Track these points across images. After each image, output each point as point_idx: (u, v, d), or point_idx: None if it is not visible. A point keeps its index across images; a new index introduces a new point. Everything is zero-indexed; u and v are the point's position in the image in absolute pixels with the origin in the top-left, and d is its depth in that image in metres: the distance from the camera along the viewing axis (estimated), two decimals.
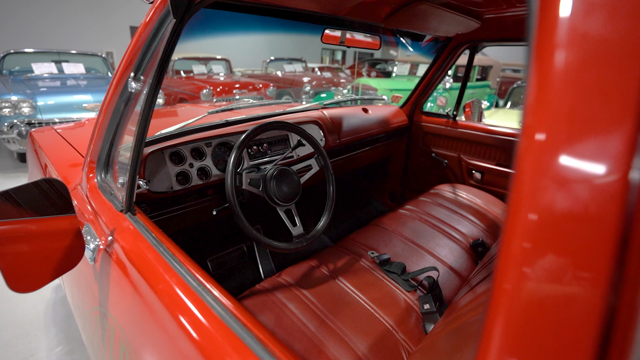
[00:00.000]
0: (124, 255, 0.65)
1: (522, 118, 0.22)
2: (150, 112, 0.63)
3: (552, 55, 0.21)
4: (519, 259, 0.23)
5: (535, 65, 0.21)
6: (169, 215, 1.11)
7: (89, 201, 0.84)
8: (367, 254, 1.21)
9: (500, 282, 0.24)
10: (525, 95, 0.22)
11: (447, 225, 1.45)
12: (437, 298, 1.03)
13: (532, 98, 0.21)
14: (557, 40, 0.21)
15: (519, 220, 0.23)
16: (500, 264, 0.24)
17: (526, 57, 0.22)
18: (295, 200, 1.08)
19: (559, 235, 0.21)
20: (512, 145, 1.77)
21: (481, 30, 1.58)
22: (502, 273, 0.24)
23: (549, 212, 0.21)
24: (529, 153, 0.21)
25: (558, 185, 0.21)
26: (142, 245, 0.63)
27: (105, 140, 0.82)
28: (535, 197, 0.22)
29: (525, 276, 0.23)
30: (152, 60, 0.64)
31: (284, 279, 1.07)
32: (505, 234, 0.24)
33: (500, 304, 0.24)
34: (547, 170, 0.21)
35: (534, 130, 0.21)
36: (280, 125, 1.13)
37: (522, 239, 0.22)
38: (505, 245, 0.24)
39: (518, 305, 0.23)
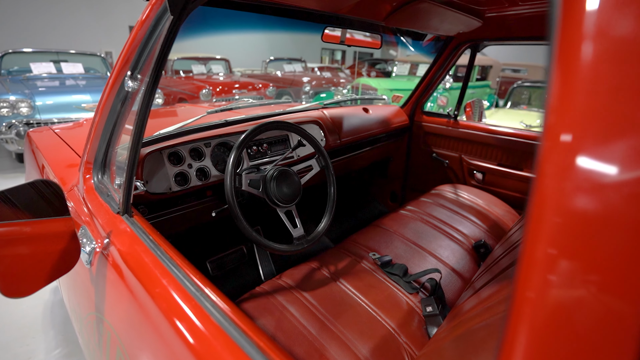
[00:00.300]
0: (120, 259, 0.63)
1: (544, 118, 0.20)
2: (147, 112, 0.61)
3: (578, 50, 0.19)
4: (544, 266, 0.21)
5: (559, 61, 0.20)
6: (167, 217, 1.09)
7: (85, 203, 0.82)
8: (369, 256, 1.19)
9: (523, 290, 0.22)
10: (547, 94, 0.20)
11: (448, 226, 1.44)
12: (439, 300, 1.01)
13: (556, 97, 0.20)
14: (584, 34, 0.19)
15: (542, 225, 0.21)
16: (522, 270, 0.22)
17: (548, 52, 0.20)
18: (296, 201, 1.06)
19: (588, 242, 0.20)
20: (514, 145, 1.76)
21: (483, 29, 1.57)
22: (524, 280, 0.22)
23: (576, 216, 0.20)
24: (552, 154, 0.20)
25: (586, 188, 0.19)
26: (139, 248, 0.61)
27: (102, 140, 0.81)
28: (561, 200, 0.20)
29: (551, 284, 0.21)
30: (149, 59, 0.63)
31: (285, 281, 1.05)
32: (527, 240, 0.22)
33: (523, 313, 0.22)
34: (573, 173, 0.19)
35: (558, 130, 0.20)
36: (280, 125, 1.12)
37: (547, 245, 0.21)
38: (527, 251, 0.22)
39: (543, 315, 0.21)
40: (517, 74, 8.53)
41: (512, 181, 1.81)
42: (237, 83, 5.63)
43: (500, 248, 1.03)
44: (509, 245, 0.93)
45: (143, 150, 0.99)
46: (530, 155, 1.73)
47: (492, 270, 0.80)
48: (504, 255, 0.86)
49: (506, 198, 1.80)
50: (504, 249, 0.93)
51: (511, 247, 0.87)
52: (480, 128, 1.87)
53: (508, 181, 1.82)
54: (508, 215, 1.61)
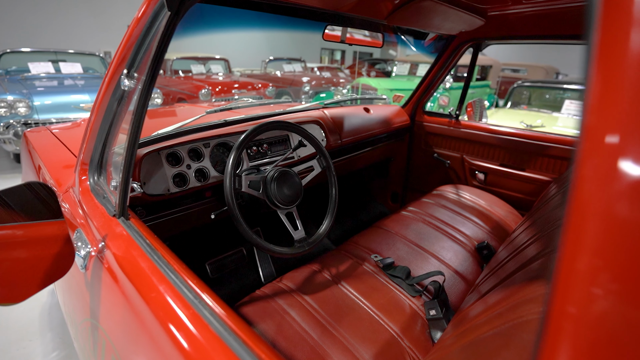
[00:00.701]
0: (115, 263, 0.61)
1: (582, 119, 0.18)
2: (144, 111, 0.59)
3: (623, 44, 0.17)
4: (588, 278, 0.19)
5: (600, 57, 0.18)
6: (165, 219, 1.07)
7: (80, 205, 0.80)
8: (371, 258, 1.17)
9: (562, 304, 0.20)
10: (585, 93, 0.18)
11: (451, 228, 1.42)
12: (443, 304, 1.00)
13: (596, 96, 0.18)
14: (630, 25, 0.17)
15: (585, 234, 0.19)
16: (559, 283, 0.20)
17: (586, 47, 0.19)
18: (297, 203, 1.04)
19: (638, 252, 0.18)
20: (516, 145, 1.74)
21: (485, 28, 1.55)
22: (563, 294, 0.20)
23: (624, 224, 0.18)
24: (593, 157, 0.18)
25: (634, 192, 0.17)
26: (135, 252, 0.59)
27: (97, 140, 0.79)
28: (605, 206, 0.18)
29: (596, 298, 0.19)
30: (146, 57, 0.60)
31: (285, 284, 1.03)
32: (566, 249, 0.20)
33: (563, 331, 0.20)
34: (619, 176, 0.17)
35: (600, 132, 0.18)
36: (280, 125, 1.10)
37: (591, 255, 0.19)
38: (566, 262, 0.20)
39: (587, 333, 0.19)
40: (516, 73, 8.52)
41: (514, 181, 1.79)
42: (237, 83, 5.61)
43: (504, 251, 1.01)
44: (513, 248, 0.91)
45: (140, 151, 0.97)
46: (532, 155, 1.71)
47: (498, 274, 0.78)
48: (509, 259, 0.84)
49: (508, 198, 1.78)
50: (509, 251, 0.92)
51: (516, 250, 0.85)
52: (482, 128, 1.85)
53: (510, 181, 1.81)
54: (510, 216, 1.59)
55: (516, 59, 9.29)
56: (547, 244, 0.66)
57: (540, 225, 0.88)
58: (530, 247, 0.76)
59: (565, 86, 4.79)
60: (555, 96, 4.89)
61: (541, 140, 1.68)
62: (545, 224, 0.84)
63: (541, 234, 0.78)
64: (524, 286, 0.54)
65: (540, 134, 1.69)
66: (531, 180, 1.73)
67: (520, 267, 0.66)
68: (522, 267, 0.65)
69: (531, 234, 0.87)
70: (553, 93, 4.94)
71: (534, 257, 0.65)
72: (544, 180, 1.68)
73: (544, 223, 0.87)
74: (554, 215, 0.85)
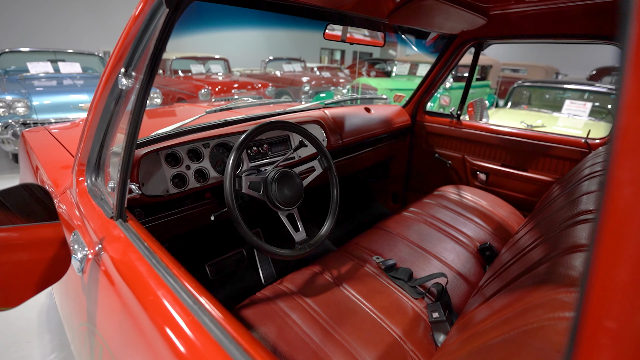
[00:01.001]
0: (112, 267, 0.59)
1: (617, 117, 0.17)
2: (142, 111, 0.58)
3: None
4: (630, 289, 0.18)
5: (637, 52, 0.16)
6: (164, 220, 1.06)
7: (77, 207, 0.79)
8: (372, 259, 1.16)
9: (599, 317, 0.19)
10: (621, 89, 0.17)
11: (452, 228, 1.41)
12: (446, 306, 0.98)
13: (635, 94, 0.16)
14: None
15: (624, 241, 0.17)
16: (594, 293, 0.19)
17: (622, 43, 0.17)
18: (298, 204, 1.03)
19: None
20: (518, 145, 1.73)
21: (487, 27, 1.54)
22: (599, 305, 0.19)
23: None
24: (632, 158, 0.17)
25: None
26: (133, 255, 0.58)
27: (95, 141, 0.77)
28: None
29: None
30: (144, 55, 0.59)
31: (286, 286, 1.02)
32: (600, 257, 0.19)
33: (600, 347, 0.19)
34: None
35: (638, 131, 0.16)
36: (281, 125, 1.08)
37: (633, 264, 0.17)
38: (603, 271, 0.18)
39: (629, 350, 0.18)
40: (516, 73, 8.51)
41: (516, 182, 1.78)
42: (236, 83, 5.59)
43: (508, 252, 1.00)
44: (517, 250, 0.89)
45: (139, 152, 0.96)
46: (534, 155, 1.70)
47: (503, 278, 0.77)
48: (513, 261, 0.83)
49: (510, 199, 1.77)
50: (513, 254, 0.90)
51: (520, 252, 0.84)
52: (483, 128, 1.84)
53: (512, 182, 1.80)
54: (512, 216, 1.58)
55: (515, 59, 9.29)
56: (553, 247, 0.65)
57: (545, 227, 0.87)
58: (535, 250, 0.74)
59: (566, 86, 4.78)
60: (556, 96, 4.88)
61: (543, 140, 1.66)
62: (550, 226, 0.83)
63: (546, 236, 0.77)
64: (531, 291, 0.53)
65: (542, 134, 1.68)
66: (533, 180, 1.72)
67: (526, 271, 0.65)
68: (527, 271, 0.64)
69: (535, 236, 0.86)
70: (553, 93, 4.93)
71: (540, 260, 0.64)
72: (546, 180, 1.67)
73: (548, 225, 0.86)
74: (559, 217, 0.83)
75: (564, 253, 0.59)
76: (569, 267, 0.52)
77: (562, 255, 0.58)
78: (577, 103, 4.20)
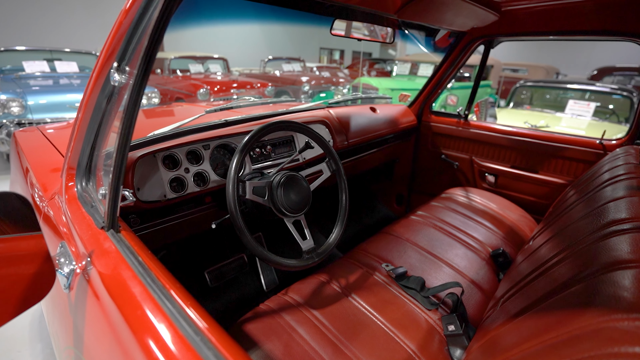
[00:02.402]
0: (101, 286, 0.53)
1: None
2: (136, 110, 0.52)
3: None
4: None
5: None
6: (162, 227, 1.00)
7: (66, 214, 0.72)
8: (381, 267, 1.10)
9: None
10: None
11: (463, 233, 1.35)
12: (462, 318, 0.92)
13: None
14: None
15: None
16: None
17: None
18: (305, 210, 0.97)
19: None
20: (528, 146, 1.68)
21: (498, 24, 1.48)
22: None
23: None
24: None
25: None
26: (125, 273, 0.51)
27: (85, 142, 0.71)
28: None
29: None
30: (138, 48, 0.53)
31: (291, 297, 0.96)
32: None
33: None
34: None
35: None
36: (288, 125, 1.02)
37: None
38: None
39: None
40: (516, 73, 8.47)
41: (526, 184, 1.73)
42: (236, 82, 5.54)
43: (526, 263, 0.94)
44: (538, 261, 0.84)
45: (134, 154, 0.89)
46: (545, 157, 1.64)
47: (527, 294, 0.71)
48: (535, 275, 0.77)
49: (520, 202, 1.71)
50: (533, 265, 0.85)
51: (543, 265, 0.78)
52: (492, 128, 1.78)
53: (522, 184, 1.74)
54: (523, 220, 1.52)
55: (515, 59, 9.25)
56: (587, 263, 0.59)
57: (567, 237, 0.81)
58: (563, 265, 0.68)
59: (569, 86, 4.73)
60: (559, 96, 4.84)
61: (555, 141, 1.61)
62: (574, 236, 0.77)
63: (573, 249, 0.71)
64: (574, 314, 0.47)
65: (553, 135, 1.62)
66: (544, 183, 1.66)
67: (558, 289, 0.59)
68: (560, 289, 0.58)
69: (558, 247, 0.80)
70: (556, 93, 4.89)
71: (574, 277, 0.58)
72: (559, 183, 1.61)
73: (571, 235, 0.80)
74: (583, 227, 0.77)
75: (605, 270, 0.53)
76: (618, 287, 0.46)
77: (603, 272, 0.52)
78: (581, 103, 4.16)
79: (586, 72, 9.35)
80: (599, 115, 4.16)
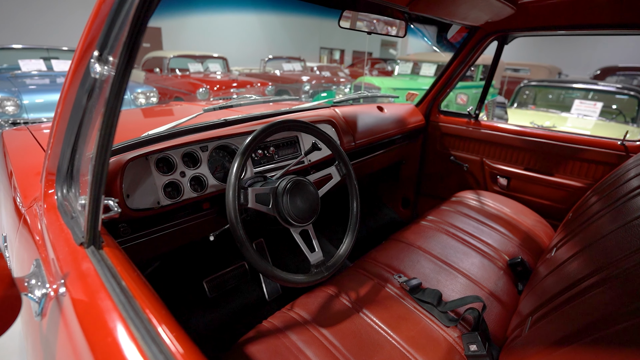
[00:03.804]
0: (74, 316, 0.44)
1: None
2: (118, 106, 0.43)
3: None
4: None
5: None
6: (155, 236, 0.91)
7: (42, 226, 0.64)
8: (394, 278, 1.02)
9: None
10: None
11: (477, 240, 1.27)
12: (484, 336, 0.84)
13: None
14: None
15: None
16: None
17: None
18: (313, 219, 0.88)
19: None
20: (543, 147, 1.59)
21: (514, 18, 1.40)
22: None
23: None
24: None
25: None
26: (103, 303, 0.42)
27: (65, 144, 0.62)
28: None
29: None
30: (123, 33, 0.44)
31: (297, 313, 0.88)
32: None
33: None
34: None
35: None
36: (295, 125, 0.93)
37: None
38: None
39: None
40: (517, 73, 8.39)
41: (541, 187, 1.64)
42: (235, 82, 5.46)
43: (552, 278, 0.86)
44: (567, 279, 0.75)
45: (123, 156, 0.81)
46: (562, 158, 1.56)
47: (561, 319, 0.63)
48: (567, 296, 0.69)
49: (534, 206, 1.63)
50: (562, 282, 0.76)
51: (575, 286, 0.69)
52: (504, 129, 1.70)
53: (536, 187, 1.66)
54: (539, 226, 1.44)
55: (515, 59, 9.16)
56: (632, 296, 0.51)
57: (600, 254, 0.73)
58: (603, 292, 0.60)
59: (575, 85, 4.66)
60: (564, 96, 4.76)
61: (572, 142, 1.53)
62: (608, 255, 0.69)
63: (610, 272, 0.63)
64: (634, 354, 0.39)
65: (570, 135, 1.54)
66: (561, 186, 1.58)
67: (602, 324, 0.52)
68: (604, 325, 0.51)
69: (590, 265, 0.72)
70: (561, 93, 4.81)
71: (620, 314, 0.50)
72: (576, 186, 1.53)
73: (604, 253, 0.72)
74: (618, 245, 0.69)
75: None
76: None
77: None
78: (587, 103, 4.08)
79: (587, 72, 9.26)
80: (605, 115, 4.08)
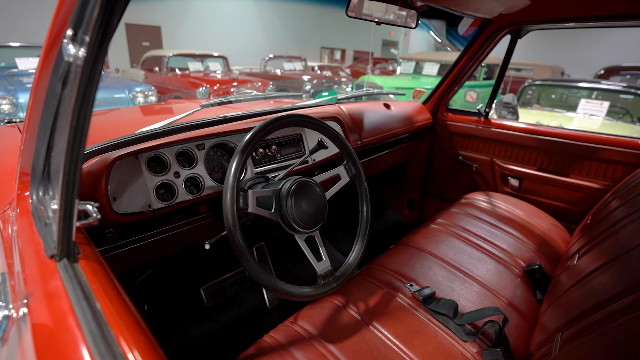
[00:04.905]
0: (31, 347, 0.36)
1: None
2: (92, 94, 0.36)
3: None
4: None
5: None
6: (146, 242, 0.83)
7: (12, 234, 0.56)
8: (405, 287, 0.95)
9: None
10: None
11: (490, 244, 1.20)
12: (507, 353, 0.77)
13: None
14: None
15: None
16: None
17: None
18: (320, 225, 0.81)
19: None
20: (557, 147, 1.52)
21: (529, 10, 1.33)
22: None
23: None
24: None
25: None
26: (68, 332, 0.34)
27: (39, 139, 0.54)
28: None
29: None
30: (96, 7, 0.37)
31: (301, 326, 0.80)
32: None
33: None
34: None
35: None
36: (300, 120, 0.85)
37: None
38: None
39: None
40: (520, 73, 8.31)
41: (555, 189, 1.57)
42: (236, 81, 5.40)
43: (578, 290, 0.79)
44: (597, 294, 0.68)
45: (110, 155, 0.73)
46: (577, 158, 1.49)
47: (599, 343, 0.56)
48: (601, 315, 0.62)
49: (548, 208, 1.55)
50: (592, 298, 0.69)
51: (608, 303, 0.62)
52: (516, 128, 1.63)
53: (550, 189, 1.58)
54: (555, 229, 1.36)
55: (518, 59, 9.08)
56: None
57: (633, 269, 0.65)
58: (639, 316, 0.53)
59: (581, 85, 4.58)
60: (569, 95, 4.69)
61: (588, 141, 1.45)
62: None
63: None
64: None
65: (586, 134, 1.46)
66: (577, 187, 1.50)
67: None
68: None
69: (624, 282, 0.65)
70: (567, 92, 4.74)
71: None
72: (594, 188, 1.45)
73: (634, 263, 0.65)
74: None
75: None
76: None
77: None
78: (594, 102, 4.01)
79: (589, 71, 9.18)
80: (611, 114, 4.01)
